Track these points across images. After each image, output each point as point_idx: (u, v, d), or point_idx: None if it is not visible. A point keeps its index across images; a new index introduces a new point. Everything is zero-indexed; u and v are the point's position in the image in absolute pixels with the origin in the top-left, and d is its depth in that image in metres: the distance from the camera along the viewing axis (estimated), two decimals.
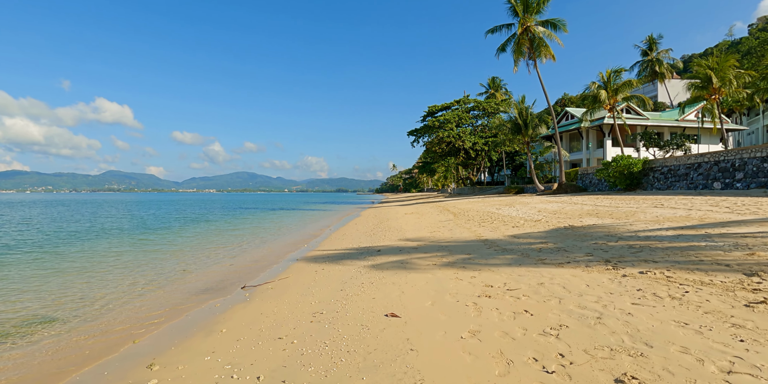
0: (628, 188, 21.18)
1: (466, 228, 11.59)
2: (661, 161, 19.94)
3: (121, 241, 13.46)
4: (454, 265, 6.44)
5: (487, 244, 8.20)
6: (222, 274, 7.84)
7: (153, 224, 19.88)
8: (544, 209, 14.57)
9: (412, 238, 10.55)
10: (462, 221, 13.76)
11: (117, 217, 24.97)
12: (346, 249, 9.78)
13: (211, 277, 7.57)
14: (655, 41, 53.54)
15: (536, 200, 20.43)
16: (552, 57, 26.42)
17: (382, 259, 7.70)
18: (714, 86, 28.43)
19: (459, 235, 10.29)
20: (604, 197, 17.75)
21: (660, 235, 7.06)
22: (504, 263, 6.21)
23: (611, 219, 10.03)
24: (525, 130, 31.79)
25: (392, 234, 12.00)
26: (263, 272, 7.79)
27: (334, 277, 6.41)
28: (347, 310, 4.46)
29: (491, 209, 17.49)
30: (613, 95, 29.19)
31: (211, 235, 15.27)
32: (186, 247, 11.77)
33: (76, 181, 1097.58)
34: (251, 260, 9.43)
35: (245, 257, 9.94)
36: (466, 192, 53.58)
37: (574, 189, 26.95)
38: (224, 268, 8.53)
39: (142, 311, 5.38)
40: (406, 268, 6.59)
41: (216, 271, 8.10)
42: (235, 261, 9.37)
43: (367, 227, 15.27)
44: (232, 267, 8.59)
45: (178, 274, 7.90)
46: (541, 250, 6.97)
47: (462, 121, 47.87)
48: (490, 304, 4.14)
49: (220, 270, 8.25)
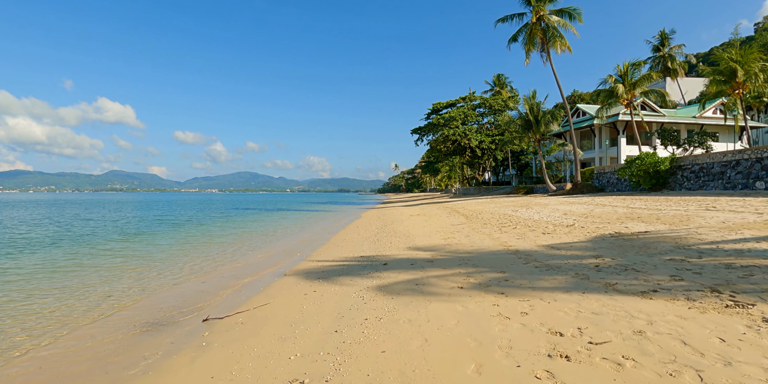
0: (653, 188, 19.48)
1: (485, 234, 9.94)
2: (691, 159, 18.24)
3: (78, 250, 11.15)
4: (489, 288, 4.82)
5: (521, 257, 6.56)
6: (183, 297, 6.15)
7: (131, 229, 17.78)
8: (570, 211, 12.91)
9: (423, 246, 8.91)
10: (477, 225, 12.12)
11: (98, 220, 22.79)
12: (345, 259, 8.16)
13: (167, 302, 5.89)
14: (667, 36, 51.70)
15: (554, 201, 18.76)
16: (568, 48, 24.73)
17: (390, 276, 6.08)
18: (738, 80, 26.64)
19: (480, 243, 8.65)
20: (632, 198, 16.06)
21: (758, 250, 5.41)
22: (557, 288, 4.58)
23: (663, 224, 8.38)
24: (536, 126, 30.12)
25: (399, 240, 10.37)
26: (240, 293, 6.17)
27: (327, 306, 4.79)
28: (343, 375, 2.85)
29: (507, 211, 15.84)
30: (630, 89, 27.46)
31: (194, 241, 13.61)
32: (156, 258, 9.98)
33: (78, 180, 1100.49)
34: (230, 274, 7.80)
35: (223, 270, 8.31)
36: (471, 192, 51.89)
37: (591, 189, 25.25)
38: (191, 286, 6.87)
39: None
40: (424, 292, 4.97)
41: (176, 294, 6.41)
42: (210, 276, 7.73)
43: (369, 231, 13.65)
44: (203, 285, 6.95)
45: (124, 297, 6.21)
46: (600, 267, 5.33)
47: (468, 118, 46.17)
48: (576, 377, 2.51)
49: (182, 291, 6.55)
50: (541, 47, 25.36)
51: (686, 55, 51.42)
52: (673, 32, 51.93)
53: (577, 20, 24.35)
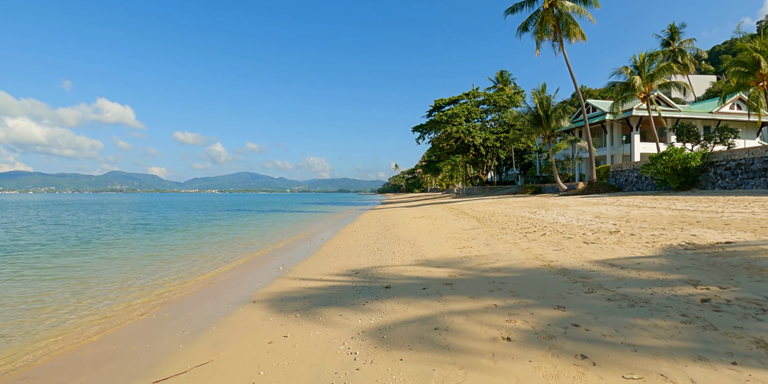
0: (682, 187, 17.65)
1: (509, 242, 8.12)
2: (726, 154, 16.41)
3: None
4: (555, 344, 3.00)
5: (576, 281, 4.73)
6: (88, 354, 4.34)
7: (94, 235, 15.18)
8: (601, 214, 11.09)
9: (435, 259, 7.10)
10: (494, 230, 10.30)
11: (64, 225, 20.17)
12: (336, 276, 6.35)
13: (47, 366, 4.09)
14: (677, 30, 49.85)
15: (572, 202, 16.94)
16: (582, 36, 22.91)
17: (395, 309, 4.26)
18: (762, 71, 24.86)
19: (506, 255, 6.83)
20: (664, 198, 14.25)
21: None
22: (674, 349, 2.75)
23: (743, 232, 6.56)
24: (546, 122, 28.30)
25: (404, 249, 8.56)
26: (174, 333, 4.35)
27: (299, 371, 2.98)
28: None
29: (523, 213, 14.02)
30: (648, 82, 25.62)
31: (157, 251, 11.64)
32: (91, 277, 8.06)
33: (78, 181, 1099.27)
34: (177, 310, 5.94)
35: (175, 297, 6.45)
36: (475, 192, 50.07)
37: (607, 188, 23.44)
38: (114, 321, 5.08)
39: None
40: (450, 347, 3.16)
41: (74, 343, 4.59)
42: (151, 306, 5.91)
43: (368, 237, 11.83)
44: (140, 317, 5.15)
45: None
46: (716, 305, 3.50)
47: (471, 115, 44.36)
48: None
49: (85, 341, 4.74)
50: (553, 36, 23.53)
51: (697, 49, 49.60)
52: (683, 26, 50.06)
53: (593, 4, 22.50)
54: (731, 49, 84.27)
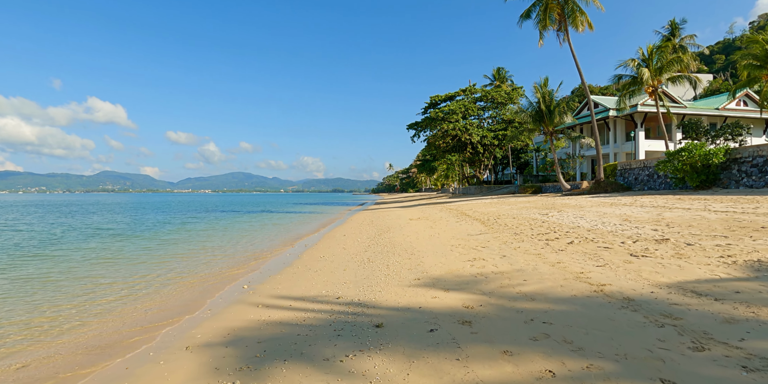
0: (702, 186, 16.22)
1: (531, 253, 6.53)
2: (753, 149, 15.00)
3: None
4: None
5: (661, 323, 3.14)
6: None
7: (34, 244, 12.56)
8: (630, 217, 9.56)
9: (441, 277, 5.49)
10: (506, 235, 8.72)
11: (23, 231, 17.27)
12: (309, 306, 4.72)
13: None
14: (677, 26, 48.59)
15: (585, 202, 15.45)
16: (589, 25, 21.46)
17: (389, 376, 2.66)
18: None
19: (532, 271, 5.24)
20: (690, 198, 12.78)
21: None
22: None
23: None
24: (549, 118, 26.82)
25: (400, 261, 6.95)
26: None
27: None
28: None
29: (532, 215, 12.48)
30: (656, 75, 24.24)
31: (101, 267, 9.43)
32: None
33: (69, 181, 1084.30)
34: (82, 349, 4.27)
35: (86, 335, 4.77)
36: (472, 192, 48.60)
37: (616, 187, 22.00)
38: None
39: None
40: None
41: None
42: (34, 357, 4.22)
43: (359, 243, 10.19)
44: None
45: None
46: None
47: (468, 112, 42.80)
48: None
49: None
50: (558, 25, 22.05)
51: (699, 45, 48.51)
52: (684, 21, 48.85)
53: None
54: (726, 49, 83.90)
